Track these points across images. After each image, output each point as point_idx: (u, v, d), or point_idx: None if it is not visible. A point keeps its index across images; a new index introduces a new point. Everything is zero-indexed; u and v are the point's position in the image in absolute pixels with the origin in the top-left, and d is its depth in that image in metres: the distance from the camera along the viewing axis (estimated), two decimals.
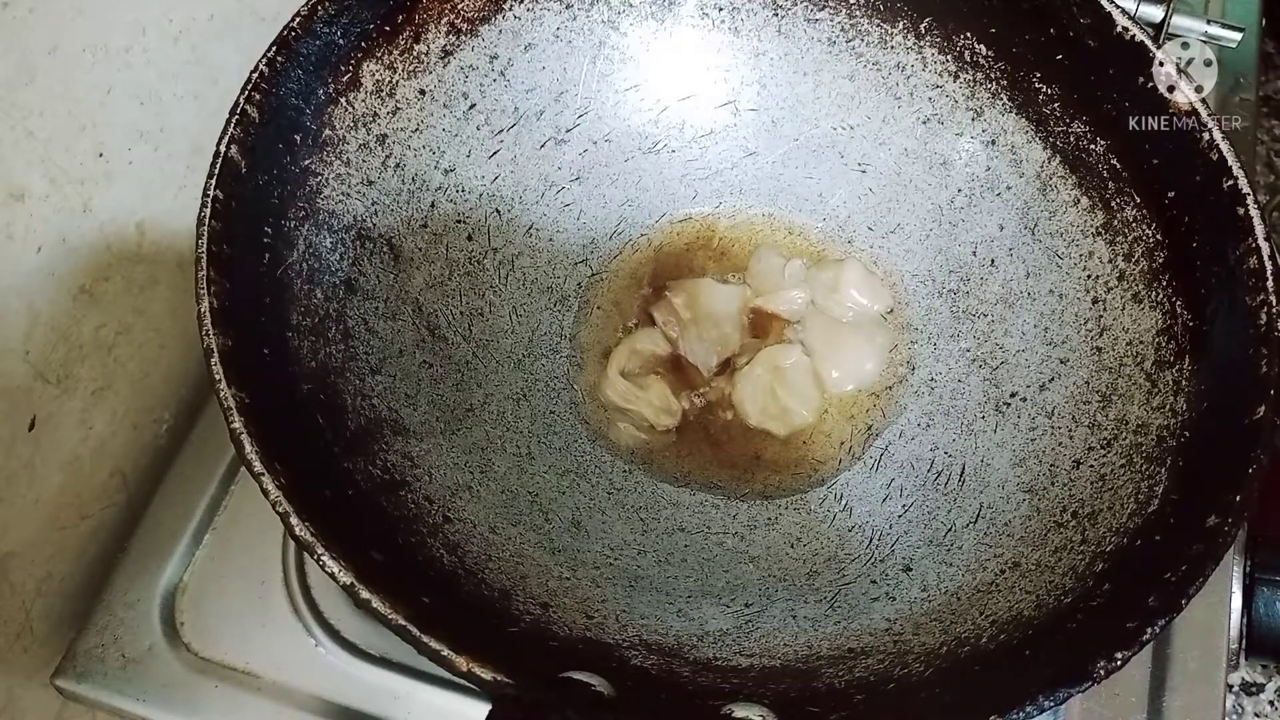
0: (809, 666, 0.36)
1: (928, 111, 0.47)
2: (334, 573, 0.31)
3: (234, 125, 0.37)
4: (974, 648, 0.36)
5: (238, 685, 0.45)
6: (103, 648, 0.46)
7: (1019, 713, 0.29)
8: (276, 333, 0.38)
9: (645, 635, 0.37)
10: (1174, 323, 0.40)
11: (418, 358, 0.43)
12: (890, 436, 0.46)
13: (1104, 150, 0.43)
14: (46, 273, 0.43)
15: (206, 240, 0.35)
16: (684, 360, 0.48)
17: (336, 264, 0.41)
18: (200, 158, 0.49)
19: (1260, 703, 0.48)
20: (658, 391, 0.47)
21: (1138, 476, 0.38)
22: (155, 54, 0.46)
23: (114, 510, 0.50)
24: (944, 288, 0.48)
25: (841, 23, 0.48)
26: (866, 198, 0.50)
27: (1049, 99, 0.44)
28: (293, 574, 0.47)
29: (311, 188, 0.41)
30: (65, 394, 0.45)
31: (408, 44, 0.43)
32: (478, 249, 0.47)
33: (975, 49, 0.45)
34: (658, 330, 0.49)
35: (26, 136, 0.40)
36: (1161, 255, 0.41)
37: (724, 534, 0.43)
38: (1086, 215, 0.44)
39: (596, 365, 0.48)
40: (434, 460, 0.41)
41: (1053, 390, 0.43)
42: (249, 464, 0.32)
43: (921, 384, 0.47)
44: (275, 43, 0.39)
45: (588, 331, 0.49)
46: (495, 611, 0.36)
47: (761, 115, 0.50)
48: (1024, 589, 0.37)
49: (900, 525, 0.42)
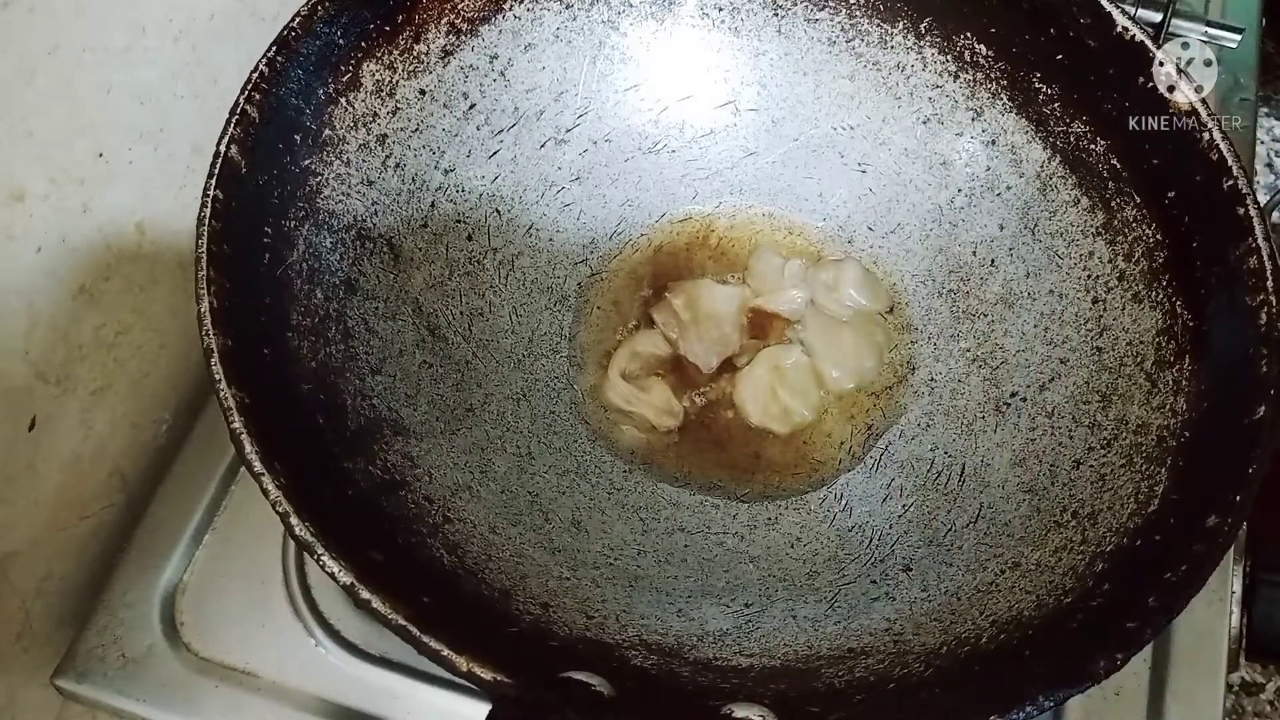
0: (809, 666, 0.36)
1: (928, 111, 0.47)
2: (334, 573, 0.31)
3: (234, 125, 0.37)
4: (974, 648, 0.35)
5: (238, 685, 0.45)
6: (103, 648, 0.46)
7: (1019, 713, 0.29)
8: (276, 333, 0.38)
9: (645, 635, 0.37)
10: (1174, 323, 0.40)
11: (418, 358, 0.43)
12: (890, 436, 0.46)
13: (1104, 150, 0.43)
14: (46, 273, 0.43)
15: (206, 240, 0.35)
16: (685, 360, 0.48)
17: (336, 264, 0.41)
18: (200, 158, 0.49)
19: (1260, 703, 0.48)
20: (659, 393, 0.47)
21: (1138, 476, 0.38)
22: (155, 54, 0.46)
23: (114, 510, 0.50)
24: (944, 288, 0.48)
25: (841, 23, 0.48)
26: (866, 198, 0.50)
27: (1049, 99, 0.44)
28: (293, 574, 0.47)
29: (311, 188, 0.41)
30: (65, 394, 0.45)
31: (408, 44, 0.43)
32: (478, 249, 0.47)
33: (975, 49, 0.45)
34: (658, 332, 0.49)
35: (26, 136, 0.40)
36: (1161, 255, 0.41)
37: (724, 534, 0.43)
38: (1086, 215, 0.44)
39: (597, 365, 0.48)
40: (434, 460, 0.40)
41: (1053, 390, 0.43)
42: (249, 464, 0.32)
43: (921, 384, 0.47)
44: (275, 43, 0.39)
45: (587, 331, 0.49)
46: (495, 611, 0.36)
47: (761, 115, 0.50)
48: (1024, 589, 0.37)
49: (900, 525, 0.42)
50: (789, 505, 0.45)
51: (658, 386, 0.47)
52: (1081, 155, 0.43)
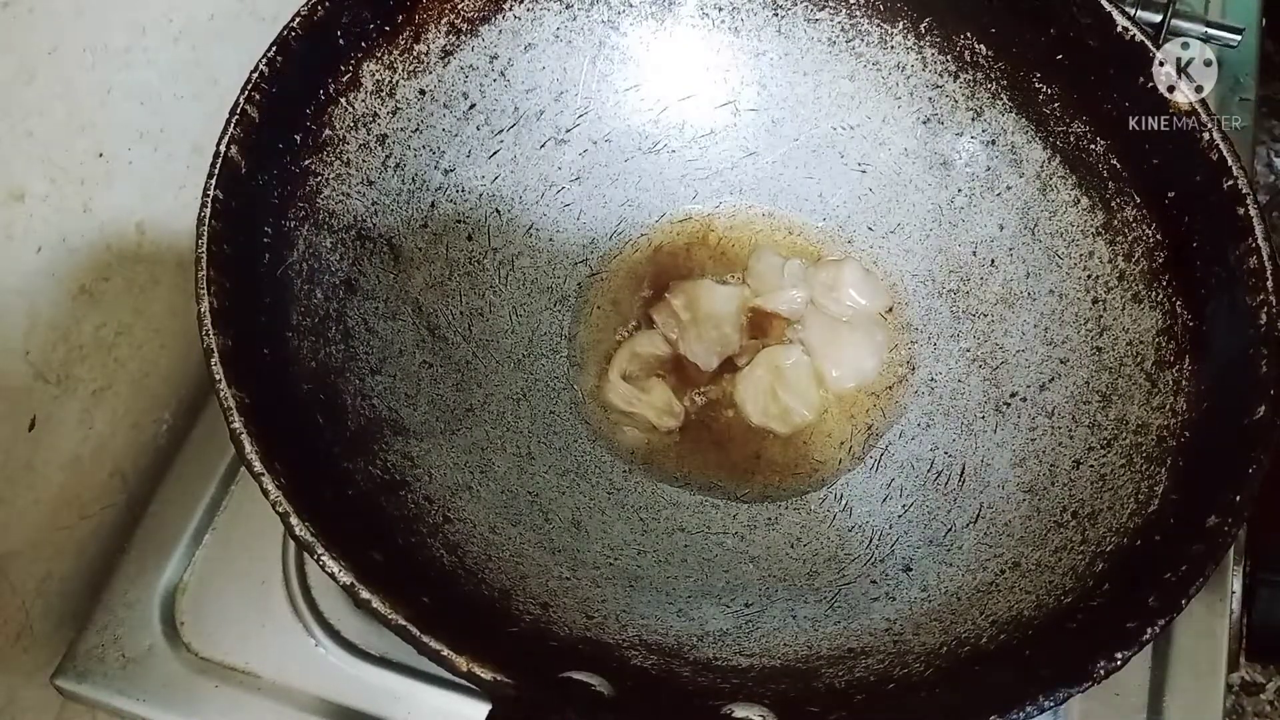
0: (809, 666, 0.36)
1: (928, 111, 0.47)
2: (334, 573, 0.31)
3: (234, 125, 0.37)
4: (974, 648, 0.35)
5: (238, 685, 0.45)
6: (103, 648, 0.46)
7: (1019, 713, 0.29)
8: (276, 333, 0.38)
9: (645, 635, 0.37)
10: (1174, 323, 0.40)
11: (418, 358, 0.43)
12: (890, 436, 0.46)
13: (1104, 150, 0.43)
14: (46, 273, 0.43)
15: (206, 240, 0.35)
16: (685, 360, 0.48)
17: (336, 264, 0.41)
18: (200, 158, 0.49)
19: (1260, 703, 0.48)
20: (660, 394, 0.47)
21: (1138, 476, 0.38)
22: (155, 54, 0.46)
23: (114, 510, 0.50)
24: (944, 288, 0.48)
25: (841, 23, 0.48)
26: (866, 198, 0.50)
27: (1049, 99, 0.44)
28: (293, 574, 0.47)
29: (311, 188, 0.41)
30: (65, 394, 0.45)
31: (408, 44, 0.43)
32: (478, 249, 0.47)
33: (975, 49, 0.45)
34: (658, 332, 0.49)
35: (26, 136, 0.40)
36: (1161, 255, 0.41)
37: (724, 534, 0.43)
38: (1086, 215, 0.44)
39: (597, 366, 0.48)
40: (434, 460, 0.40)
41: (1053, 390, 0.43)
42: (249, 464, 0.32)
43: (921, 384, 0.47)
44: (275, 43, 0.39)
45: (587, 331, 0.49)
46: (495, 611, 0.36)
47: (761, 115, 0.50)
48: (1024, 589, 0.37)
49: (900, 525, 0.42)
50: (789, 505, 0.45)
51: (658, 387, 0.47)
52: (1081, 155, 0.43)
